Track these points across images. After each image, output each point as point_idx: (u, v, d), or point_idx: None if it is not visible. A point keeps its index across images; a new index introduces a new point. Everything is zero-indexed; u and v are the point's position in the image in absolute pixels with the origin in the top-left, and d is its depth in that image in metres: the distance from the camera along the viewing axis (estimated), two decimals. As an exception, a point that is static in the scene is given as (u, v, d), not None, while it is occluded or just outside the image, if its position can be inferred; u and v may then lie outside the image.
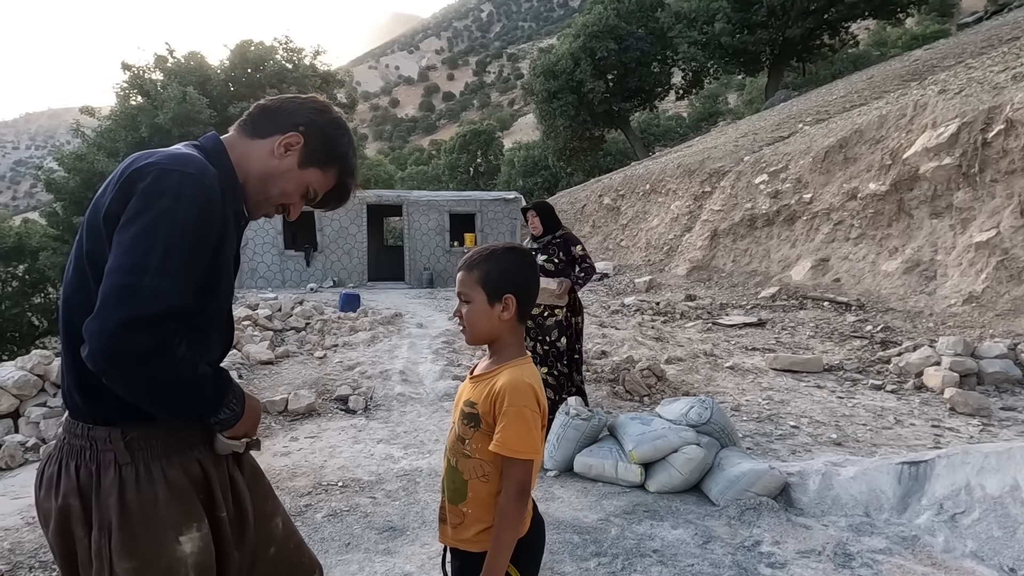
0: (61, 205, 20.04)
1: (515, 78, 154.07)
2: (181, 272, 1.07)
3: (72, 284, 1.16)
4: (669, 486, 3.51)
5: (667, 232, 12.92)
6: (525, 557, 1.51)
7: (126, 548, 1.13)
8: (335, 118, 1.39)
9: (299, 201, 1.39)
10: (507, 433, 1.41)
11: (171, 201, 1.08)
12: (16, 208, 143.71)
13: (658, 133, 39.75)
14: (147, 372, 1.05)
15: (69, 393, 1.19)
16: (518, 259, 1.55)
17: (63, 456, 1.18)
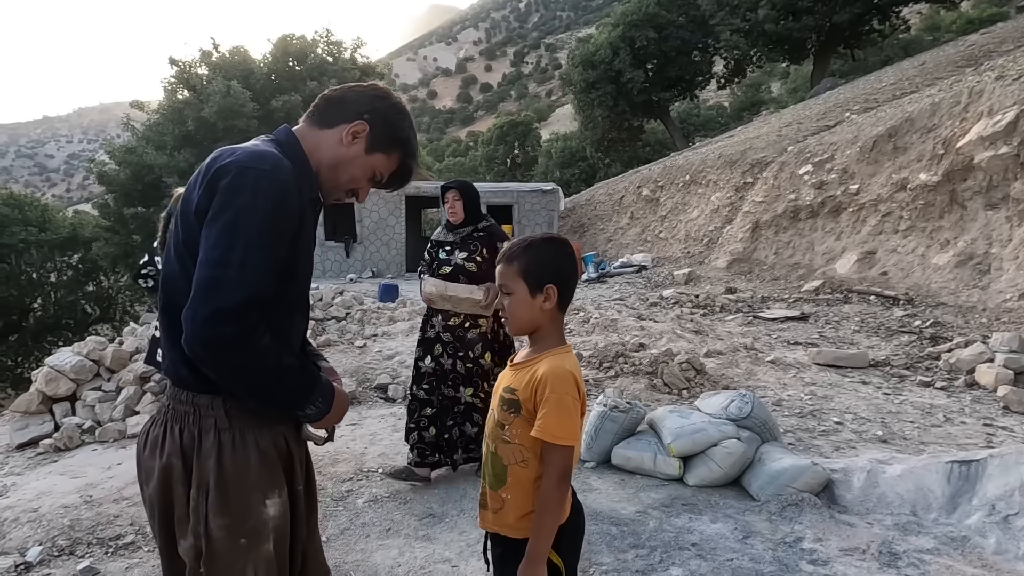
0: (112, 197, 20.71)
1: (553, 68, 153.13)
2: (261, 263, 1.17)
3: (173, 269, 1.27)
4: (708, 480, 3.48)
5: (707, 224, 12.72)
6: (566, 543, 1.53)
7: (221, 506, 1.23)
8: (396, 104, 1.47)
9: (367, 185, 1.47)
10: (548, 419, 1.43)
11: (249, 197, 1.17)
12: (70, 200, 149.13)
13: (698, 123, 39.07)
14: (233, 360, 1.15)
15: (175, 365, 1.29)
16: (557, 249, 1.57)
17: (168, 420, 1.29)
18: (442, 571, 2.71)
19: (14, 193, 25.26)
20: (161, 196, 19.10)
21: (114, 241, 20.80)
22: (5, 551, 3.02)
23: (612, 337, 6.82)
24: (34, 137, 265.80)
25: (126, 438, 4.57)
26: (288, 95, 20.29)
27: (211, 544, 1.23)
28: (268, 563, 1.28)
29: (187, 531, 1.25)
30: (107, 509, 3.40)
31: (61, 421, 4.70)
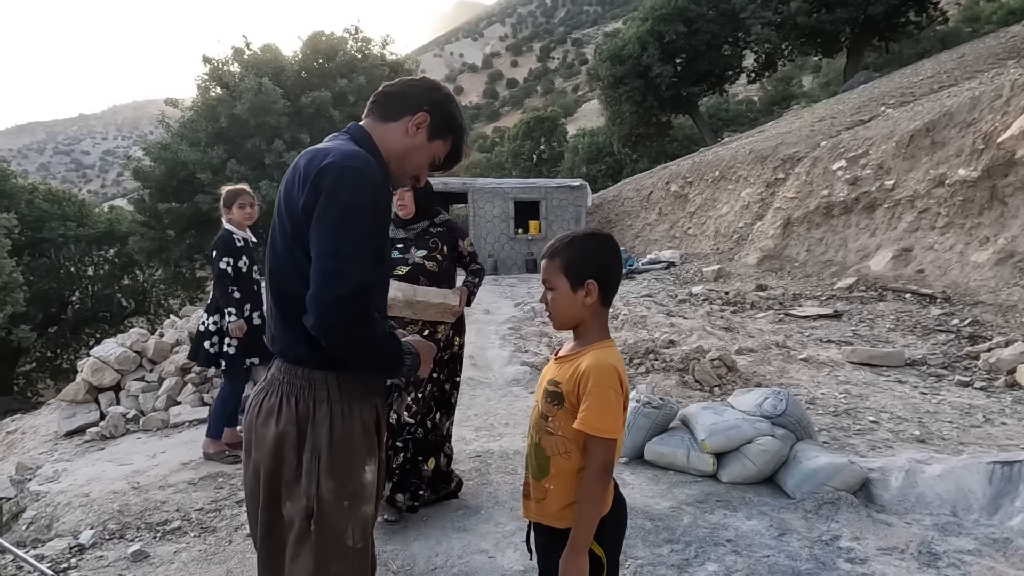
0: (148, 192, 21.12)
1: (580, 63, 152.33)
2: (366, 253, 1.34)
3: (281, 260, 1.42)
4: (742, 477, 3.48)
5: (737, 220, 12.58)
6: (608, 534, 1.56)
7: (332, 470, 1.38)
8: (448, 94, 1.63)
9: (427, 169, 1.63)
10: (590, 412, 1.46)
11: (350, 195, 1.33)
12: (105, 195, 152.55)
13: (727, 118, 38.57)
14: (353, 335, 1.33)
15: (292, 345, 1.44)
16: (599, 244, 1.60)
17: (283, 392, 1.43)
18: (479, 561, 2.76)
19: (53, 189, 25.98)
20: (195, 191, 19.44)
21: (149, 236, 21.22)
22: (60, 534, 3.15)
23: (642, 334, 6.81)
24: (71, 134, 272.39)
25: (169, 427, 4.70)
26: (318, 92, 20.49)
27: (321, 505, 1.37)
28: (364, 523, 1.44)
29: (297, 493, 1.38)
30: (154, 495, 3.51)
31: (106, 410, 4.85)
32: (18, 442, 5.09)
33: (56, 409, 5.31)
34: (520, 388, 5.41)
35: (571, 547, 1.48)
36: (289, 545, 1.41)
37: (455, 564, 2.72)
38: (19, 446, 4.96)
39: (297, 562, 1.39)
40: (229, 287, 3.93)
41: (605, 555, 1.54)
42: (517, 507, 3.28)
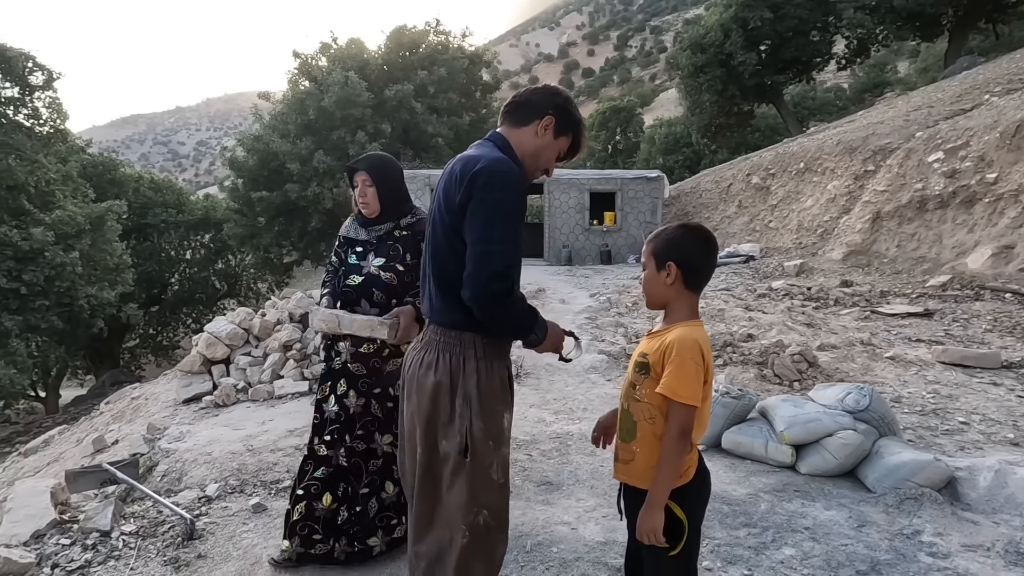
0: (241, 181, 22.38)
1: (658, 52, 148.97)
2: (512, 238, 1.64)
3: (440, 245, 1.75)
4: (821, 469, 3.51)
5: (822, 214, 12.19)
6: (690, 501, 1.71)
7: (481, 414, 1.71)
8: (567, 96, 1.89)
9: (555, 162, 1.90)
10: (671, 378, 1.62)
11: (500, 193, 1.63)
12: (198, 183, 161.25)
13: (814, 107, 36.95)
14: (503, 305, 1.64)
15: (448, 311, 1.76)
16: (688, 233, 1.75)
17: (439, 349, 1.76)
18: (562, 532, 2.94)
19: (155, 178, 27.89)
20: (284, 181, 20.45)
21: (242, 223, 22.49)
22: (189, 486, 3.55)
23: (719, 327, 6.80)
24: (168, 126, 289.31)
25: (273, 398, 5.13)
26: (400, 84, 21.10)
27: (473, 442, 1.69)
28: (504, 462, 1.77)
29: (452, 432, 1.71)
30: (266, 457, 3.89)
31: (218, 381, 5.33)
32: (143, 407, 5.67)
33: (174, 379, 5.86)
34: (597, 375, 5.55)
35: (647, 503, 1.65)
36: (446, 477, 1.72)
37: (539, 533, 2.92)
38: (144, 410, 5.53)
39: (453, 491, 1.70)
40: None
41: (687, 519, 1.68)
42: (597, 485, 3.45)
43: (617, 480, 1.84)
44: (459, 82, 23.30)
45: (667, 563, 1.69)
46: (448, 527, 1.72)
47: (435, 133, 21.74)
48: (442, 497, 1.73)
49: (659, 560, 1.70)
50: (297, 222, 21.33)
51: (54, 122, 18.94)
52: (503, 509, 1.77)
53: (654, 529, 1.62)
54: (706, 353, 1.66)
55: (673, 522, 1.66)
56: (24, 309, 15.80)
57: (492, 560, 1.74)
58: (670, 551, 1.67)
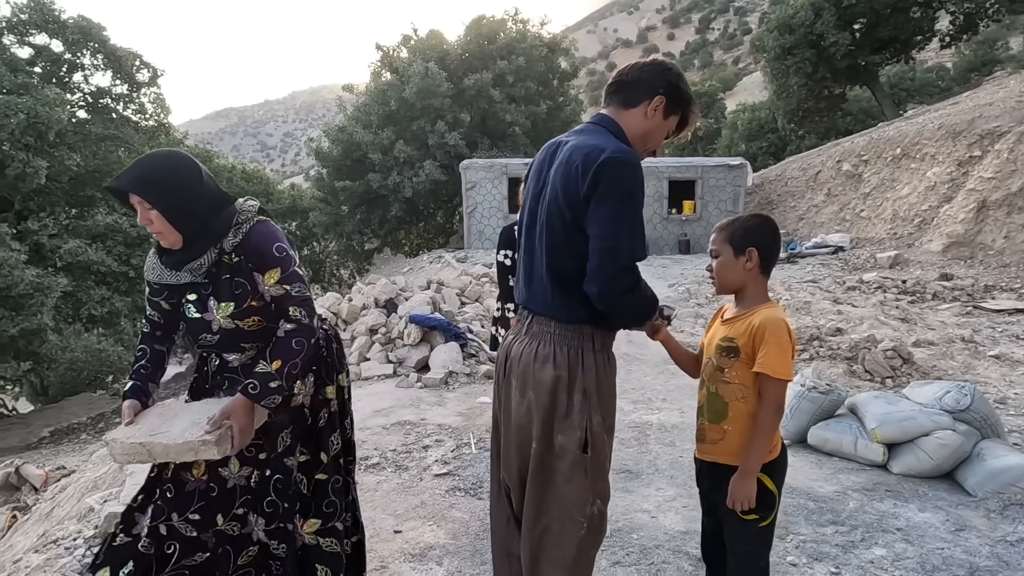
0: (326, 171, 23.24)
1: (742, 34, 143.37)
2: (639, 232, 1.60)
3: (558, 239, 1.66)
4: (916, 470, 3.37)
5: (920, 202, 11.49)
6: (779, 475, 1.82)
7: (601, 407, 1.70)
8: (678, 71, 1.79)
9: (663, 141, 1.83)
10: (768, 357, 1.71)
11: (628, 185, 1.58)
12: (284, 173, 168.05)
13: (912, 88, 34.65)
14: (629, 299, 1.63)
15: (562, 306, 1.69)
16: (764, 222, 1.85)
17: (555, 343, 1.70)
18: (642, 519, 2.97)
19: (247, 168, 29.40)
20: (366, 171, 21.08)
21: (326, 211, 23.36)
22: (286, 458, 3.78)
23: (805, 320, 6.58)
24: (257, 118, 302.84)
25: (361, 379, 5.36)
26: (479, 74, 21.27)
27: (593, 436, 1.67)
28: (611, 455, 1.78)
29: (569, 426, 1.66)
30: (356, 436, 4.08)
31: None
32: (241, 384, 6.04)
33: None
34: (676, 366, 5.49)
35: (742, 472, 1.74)
36: (563, 471, 1.67)
37: (619, 519, 2.95)
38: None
39: (571, 485, 1.67)
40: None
41: (777, 491, 1.79)
42: (677, 475, 3.45)
43: (702, 459, 1.91)
44: (537, 70, 23.23)
45: (757, 533, 1.78)
46: (561, 518, 1.68)
47: (512, 122, 21.80)
48: (556, 489, 1.69)
49: (748, 531, 1.78)
50: (378, 210, 21.95)
51: (158, 116, 20.27)
52: (609, 495, 1.78)
53: (750, 496, 1.72)
54: (792, 330, 1.76)
55: (763, 493, 1.75)
56: (132, 291, 17.08)
57: (599, 545, 1.79)
58: (759, 521, 1.76)
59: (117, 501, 3.19)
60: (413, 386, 5.08)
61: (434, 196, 22.25)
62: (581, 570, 1.74)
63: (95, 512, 3.24)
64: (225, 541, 1.93)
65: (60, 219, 17.09)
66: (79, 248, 15.58)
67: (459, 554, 2.69)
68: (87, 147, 18.02)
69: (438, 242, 24.55)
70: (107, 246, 16.68)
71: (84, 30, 17.83)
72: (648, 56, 1.85)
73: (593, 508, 1.70)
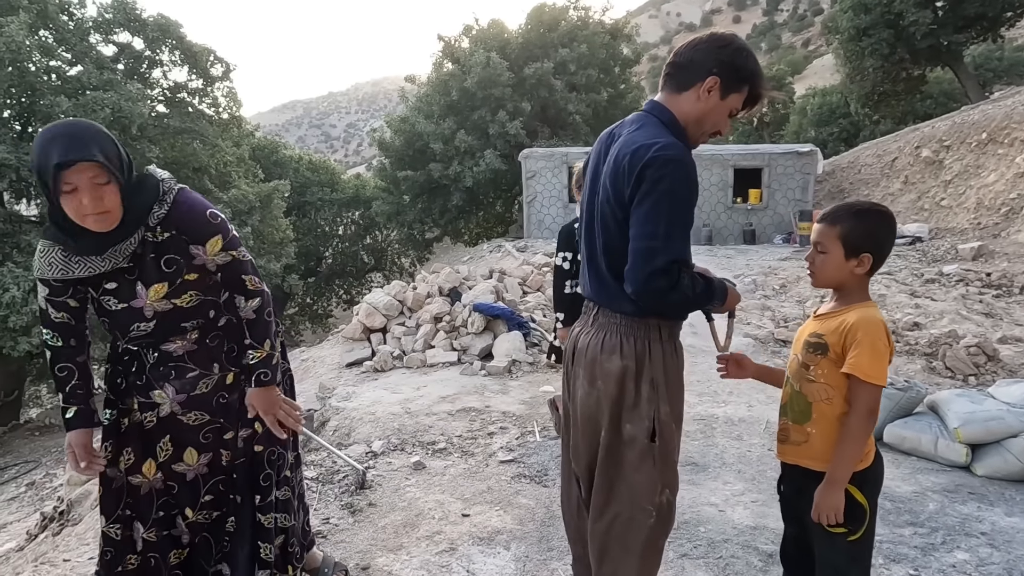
0: (388, 161, 23.67)
1: (812, 15, 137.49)
2: (679, 233, 1.56)
3: (614, 239, 1.66)
4: (1003, 472, 3.22)
5: (1008, 191, 10.82)
6: (870, 486, 1.67)
7: (669, 397, 1.69)
8: (737, 47, 1.66)
9: (726, 121, 1.71)
10: (860, 358, 1.57)
11: (669, 183, 1.53)
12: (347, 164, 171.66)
13: (1000, 69, 32.48)
14: (666, 299, 1.58)
15: (622, 302, 1.69)
16: (881, 220, 1.67)
17: (621, 333, 1.70)
18: (709, 512, 2.94)
19: (313, 159, 30.23)
20: (427, 160, 21.38)
21: (388, 200, 23.82)
22: (357, 441, 3.93)
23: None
24: (321, 110, 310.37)
25: (426, 366, 5.49)
26: (540, 62, 21.19)
27: (661, 426, 1.67)
28: (679, 445, 1.75)
29: (639, 416, 1.67)
30: (422, 420, 4.20)
31: (376, 348, 5.79)
32: (312, 368, 6.29)
33: (336, 344, 6.44)
34: (742, 359, 5.38)
35: (828, 481, 1.61)
36: (632, 460, 1.68)
37: (686, 512, 2.93)
38: (313, 371, 6.13)
39: (640, 474, 1.68)
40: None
41: (868, 504, 1.64)
42: (745, 470, 3.40)
43: (782, 461, 1.81)
44: (598, 58, 22.95)
45: (845, 548, 1.64)
46: (630, 506, 1.70)
47: (573, 110, 21.66)
48: (625, 477, 1.70)
49: (836, 545, 1.65)
50: (439, 200, 22.24)
51: (230, 109, 21.05)
52: (677, 485, 1.77)
53: (836, 508, 1.60)
54: (889, 333, 1.64)
55: (852, 505, 1.61)
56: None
57: (667, 535, 1.78)
58: (848, 535, 1.63)
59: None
60: (477, 374, 5.16)
61: (494, 185, 22.34)
62: (650, 559, 1.74)
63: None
64: (201, 530, 1.94)
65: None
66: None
67: (526, 539, 2.74)
68: (165, 139, 18.90)
69: (498, 231, 24.68)
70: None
71: (163, 27, 18.67)
72: (706, 32, 1.73)
73: (662, 497, 1.70)
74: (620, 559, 1.72)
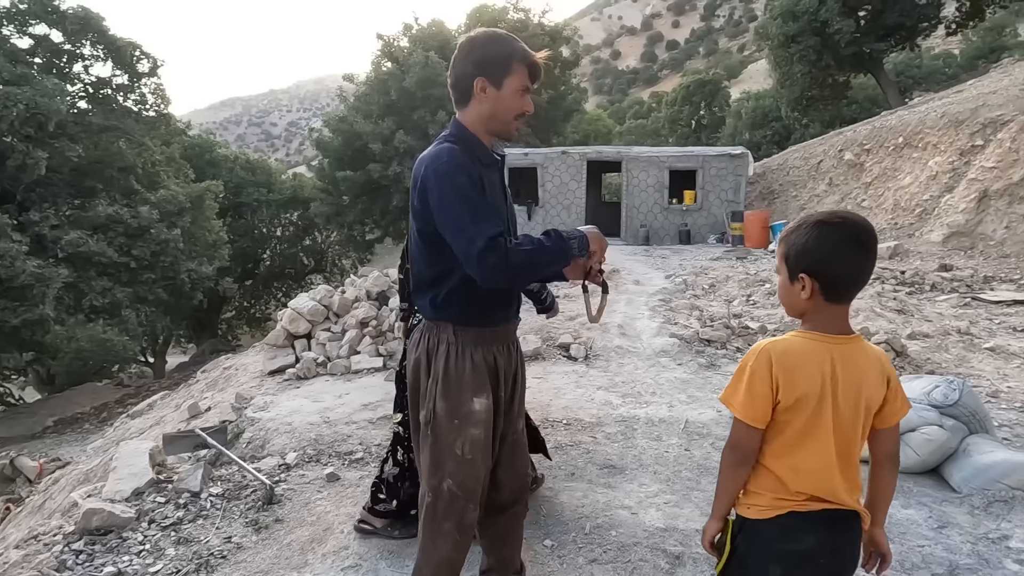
0: (327, 161, 23.23)
1: (748, 21, 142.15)
2: (481, 214, 1.65)
3: (412, 248, 1.92)
4: (901, 466, 3.33)
5: (921, 192, 11.40)
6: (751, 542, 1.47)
7: (443, 394, 1.84)
8: (483, 40, 1.79)
9: (523, 101, 1.83)
10: (728, 385, 1.44)
11: (446, 182, 1.69)
12: (289, 163, 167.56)
13: (918, 76, 34.36)
14: (510, 268, 1.63)
15: (421, 308, 1.93)
16: (825, 234, 1.38)
17: (422, 332, 1.92)
18: (622, 516, 2.95)
19: (249, 158, 29.35)
20: (367, 160, 21.06)
21: (328, 201, 23.39)
22: (271, 453, 3.79)
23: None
24: (261, 107, 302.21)
25: (350, 373, 5.36)
26: (479, 63, 21.19)
27: (435, 417, 1.84)
28: (475, 442, 1.84)
29: (423, 405, 1.87)
30: (341, 430, 4.09)
31: (300, 355, 5.62)
32: (233, 376, 6.06)
33: (260, 351, 6.22)
34: (668, 359, 5.46)
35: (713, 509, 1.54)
36: (419, 442, 1.92)
37: (599, 515, 2.94)
38: (234, 380, 5.91)
39: (423, 455, 1.90)
40: None
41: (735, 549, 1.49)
42: (661, 471, 3.43)
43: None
44: (538, 59, 23.17)
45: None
46: (422, 485, 1.91)
47: (514, 112, 21.77)
48: (420, 458, 1.93)
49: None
50: (379, 201, 21.96)
51: (158, 106, 20.23)
52: (471, 481, 1.85)
53: (703, 535, 1.56)
54: (778, 367, 1.36)
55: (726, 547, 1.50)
56: (134, 282, 17.14)
57: (462, 523, 1.87)
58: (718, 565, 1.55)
59: (99, 497, 3.20)
60: (403, 379, 5.07)
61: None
62: (433, 539, 1.88)
63: (78, 507, 3.24)
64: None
65: (62, 210, 17.14)
66: (80, 239, 15.61)
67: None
68: (88, 138, 18.02)
69: (440, 232, 24.50)
70: (108, 237, 16.71)
71: (83, 20, 17.79)
72: (460, 43, 1.84)
73: (442, 485, 1.84)
74: (420, 531, 1.92)
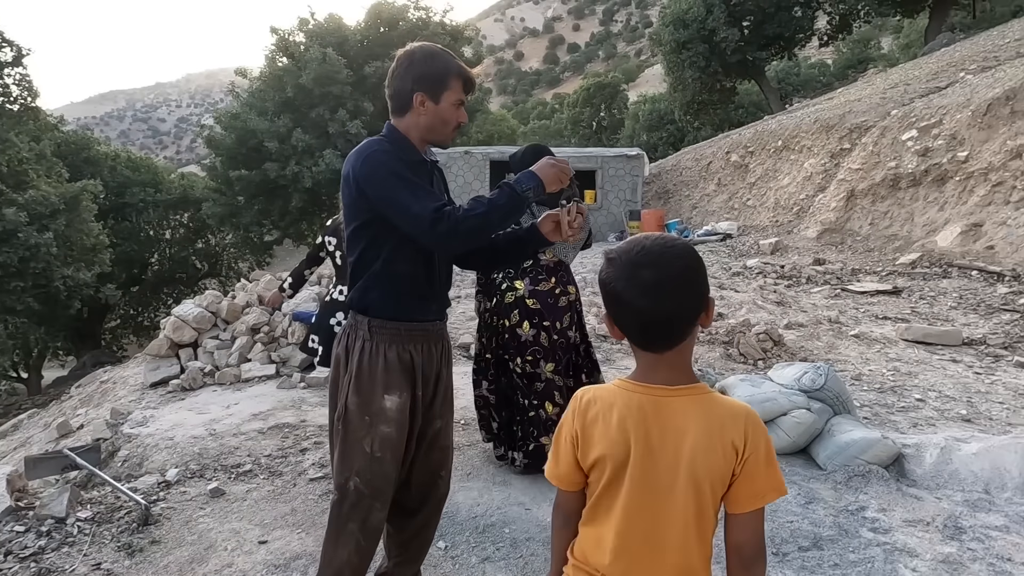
0: (219, 160, 22.07)
1: (644, 27, 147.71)
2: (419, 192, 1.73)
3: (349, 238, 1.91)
4: (776, 448, 3.57)
5: (798, 192, 12.26)
6: None
7: (354, 389, 1.83)
8: (422, 56, 1.84)
9: (457, 112, 1.88)
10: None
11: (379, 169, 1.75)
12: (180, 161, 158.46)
13: (797, 83, 36.95)
14: (462, 231, 1.69)
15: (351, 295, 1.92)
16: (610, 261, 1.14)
17: (346, 331, 1.91)
18: (516, 512, 2.99)
19: (132, 156, 27.41)
20: (263, 159, 20.19)
21: (221, 202, 22.21)
22: (149, 471, 3.55)
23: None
24: (148, 102, 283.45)
25: (240, 382, 5.12)
26: (381, 61, 20.77)
27: (346, 412, 1.83)
28: (385, 440, 1.83)
29: (339, 399, 1.86)
30: (228, 442, 3.89)
31: (186, 364, 5.31)
32: (111, 391, 5.64)
33: (142, 362, 5.83)
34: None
35: None
36: (333, 438, 1.90)
37: (494, 513, 2.96)
38: (112, 394, 5.50)
39: (335, 452, 1.89)
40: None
41: None
42: (555, 466, 3.49)
43: None
44: (440, 58, 23.04)
45: None
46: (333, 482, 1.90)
47: (416, 110, 21.53)
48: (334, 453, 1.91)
49: None
50: (278, 201, 21.11)
51: (25, 99, 18.51)
52: (379, 480, 1.83)
53: None
54: (581, 424, 1.16)
55: None
56: (0, 291, 15.60)
57: (366, 523, 1.84)
58: None
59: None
60: (296, 387, 4.90)
61: (336, 186, 21.58)
62: (336, 539, 1.86)
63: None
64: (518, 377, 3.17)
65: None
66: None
67: (326, 562, 2.61)
68: (-60, 133, 16.24)
69: (342, 233, 23.86)
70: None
71: (-70, 2, 16.01)
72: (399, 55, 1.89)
73: (348, 483, 1.82)
74: (325, 533, 1.91)
